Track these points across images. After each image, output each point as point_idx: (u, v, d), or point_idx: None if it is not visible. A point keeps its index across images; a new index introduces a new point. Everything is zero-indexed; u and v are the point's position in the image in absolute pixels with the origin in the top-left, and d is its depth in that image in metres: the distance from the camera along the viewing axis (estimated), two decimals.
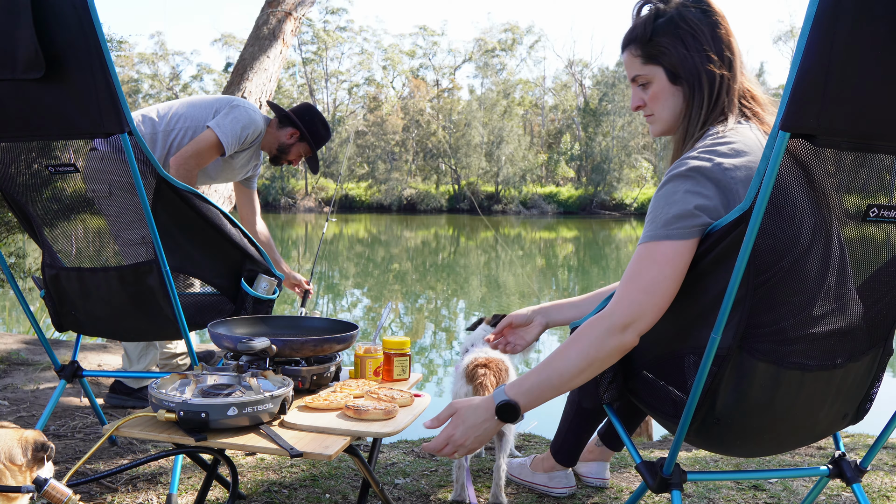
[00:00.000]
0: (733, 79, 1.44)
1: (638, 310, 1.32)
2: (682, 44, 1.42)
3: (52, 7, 1.49)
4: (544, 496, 2.19)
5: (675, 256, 1.29)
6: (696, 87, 1.43)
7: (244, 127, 2.77)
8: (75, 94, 1.55)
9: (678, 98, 1.47)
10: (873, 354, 1.42)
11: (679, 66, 1.44)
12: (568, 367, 1.35)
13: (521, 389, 1.39)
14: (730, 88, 1.43)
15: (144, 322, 2.01)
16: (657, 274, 1.30)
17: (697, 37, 1.42)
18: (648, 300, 1.31)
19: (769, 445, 1.50)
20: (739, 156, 1.33)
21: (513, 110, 41.85)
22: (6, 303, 7.19)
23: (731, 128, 1.40)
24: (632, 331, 1.32)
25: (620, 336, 1.33)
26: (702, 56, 1.42)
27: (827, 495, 2.24)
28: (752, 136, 1.39)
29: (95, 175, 2.18)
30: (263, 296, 2.13)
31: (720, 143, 1.35)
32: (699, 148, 1.36)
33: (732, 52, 1.43)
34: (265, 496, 2.11)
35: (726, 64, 1.43)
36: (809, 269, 1.27)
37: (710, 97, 1.42)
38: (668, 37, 1.43)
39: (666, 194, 1.33)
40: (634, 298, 1.32)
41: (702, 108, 1.43)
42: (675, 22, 1.43)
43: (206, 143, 2.70)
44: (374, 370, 1.92)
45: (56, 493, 1.32)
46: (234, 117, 2.76)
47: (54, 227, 2.03)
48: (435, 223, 30.34)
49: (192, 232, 2.00)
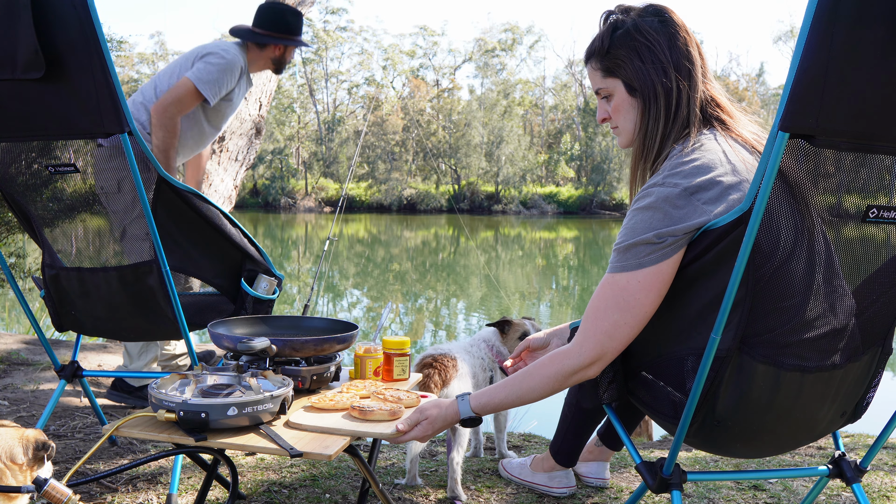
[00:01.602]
0: (692, 88, 1.42)
1: (601, 351, 1.38)
2: (638, 56, 1.42)
3: (52, 7, 1.49)
4: (544, 496, 2.19)
5: (640, 291, 1.33)
6: (651, 100, 1.43)
7: (222, 71, 2.75)
8: (75, 94, 1.55)
9: (637, 110, 1.47)
10: (872, 354, 1.42)
11: (634, 79, 1.44)
12: (531, 391, 1.45)
13: (485, 405, 1.50)
14: (690, 99, 1.42)
15: (144, 322, 2.01)
16: (620, 318, 1.35)
17: (653, 48, 1.41)
18: (610, 343, 1.37)
19: (769, 447, 1.50)
20: (702, 174, 1.32)
21: (513, 110, 41.85)
22: (6, 303, 7.19)
23: (693, 144, 1.38)
24: (596, 368, 1.41)
25: (584, 372, 1.41)
26: (657, 68, 1.41)
27: (827, 495, 2.24)
28: (717, 149, 1.38)
29: (104, 171, 2.19)
30: (263, 296, 2.13)
31: (683, 164, 1.35)
32: (663, 172, 1.36)
33: (692, 62, 1.42)
34: (265, 496, 2.11)
35: (684, 74, 1.42)
36: (794, 272, 1.26)
37: (668, 109, 1.42)
38: (625, 49, 1.43)
39: (631, 226, 1.35)
40: (598, 340, 1.38)
41: (658, 121, 1.43)
42: (632, 34, 1.43)
43: (184, 90, 2.69)
44: (374, 370, 1.92)
45: (56, 493, 1.32)
46: (209, 64, 2.74)
47: (54, 227, 2.03)
48: (435, 223, 30.34)
49: (192, 232, 2.01)
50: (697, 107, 1.43)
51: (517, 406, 1.49)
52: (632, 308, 1.34)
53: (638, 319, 1.35)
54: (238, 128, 4.30)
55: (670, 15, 1.44)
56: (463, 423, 1.52)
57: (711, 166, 1.33)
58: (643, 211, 1.33)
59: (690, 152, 1.36)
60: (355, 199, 38.99)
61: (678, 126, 1.42)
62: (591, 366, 1.40)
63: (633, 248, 1.33)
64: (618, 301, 1.35)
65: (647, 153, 1.45)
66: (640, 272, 1.32)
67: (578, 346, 1.40)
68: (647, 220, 1.32)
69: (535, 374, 1.45)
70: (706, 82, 1.46)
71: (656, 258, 1.31)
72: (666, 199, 1.31)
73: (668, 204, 1.31)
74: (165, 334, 2.12)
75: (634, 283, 1.33)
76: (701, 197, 1.31)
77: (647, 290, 1.33)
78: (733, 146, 1.40)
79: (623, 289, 1.34)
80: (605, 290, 1.37)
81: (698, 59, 1.44)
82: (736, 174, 1.34)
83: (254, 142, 4.48)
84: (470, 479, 2.31)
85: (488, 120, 40.26)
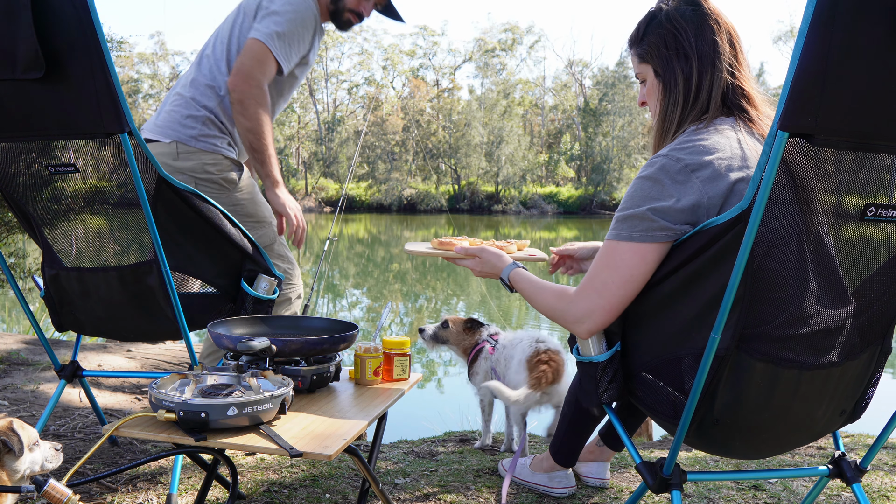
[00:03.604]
0: (715, 77, 1.46)
1: (589, 307, 1.45)
2: (664, 43, 1.49)
3: (52, 7, 1.49)
4: (544, 496, 2.19)
5: (630, 258, 1.40)
6: (671, 84, 1.49)
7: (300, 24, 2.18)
8: (75, 94, 1.55)
9: (660, 93, 1.53)
10: (871, 352, 1.42)
11: (659, 65, 1.51)
12: (536, 302, 1.60)
13: (516, 282, 1.69)
14: (712, 87, 1.46)
15: (145, 323, 2.00)
16: (608, 276, 1.42)
17: (679, 36, 1.47)
18: (598, 301, 1.44)
19: (768, 446, 1.50)
20: (706, 154, 1.37)
21: (513, 110, 41.86)
22: (6, 303, 7.19)
23: (707, 126, 1.43)
24: (584, 328, 1.48)
25: (573, 326, 1.50)
26: (679, 55, 1.47)
27: (827, 495, 2.24)
28: (730, 135, 1.41)
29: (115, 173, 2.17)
30: (263, 296, 2.12)
31: (689, 143, 1.40)
32: (671, 146, 1.42)
33: (717, 51, 1.46)
34: (265, 496, 2.11)
35: (706, 63, 1.46)
36: (785, 264, 1.27)
37: (686, 95, 1.47)
38: (655, 36, 1.50)
39: (631, 194, 1.41)
40: (588, 296, 1.46)
41: (677, 106, 1.48)
42: (663, 23, 1.49)
43: (262, 54, 2.18)
44: (374, 370, 1.92)
45: (56, 493, 1.32)
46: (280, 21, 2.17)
47: (54, 227, 2.03)
48: (435, 223, 30.34)
49: (192, 232, 2.00)
50: (719, 95, 1.46)
51: (529, 300, 1.63)
52: (620, 269, 1.41)
53: (625, 280, 1.41)
54: None
55: (704, 4, 1.49)
56: (501, 282, 1.73)
57: (717, 148, 1.38)
58: (644, 180, 1.40)
59: (702, 133, 1.42)
60: (355, 199, 39.00)
61: (696, 112, 1.47)
62: (579, 322, 1.47)
63: (628, 220, 1.40)
64: (608, 262, 1.43)
65: (665, 134, 1.51)
66: (631, 244, 1.39)
67: (575, 295, 1.49)
68: (647, 189, 1.38)
69: (547, 293, 1.58)
70: (736, 72, 1.48)
71: (646, 237, 1.37)
72: (666, 172, 1.37)
73: (667, 176, 1.37)
74: (166, 335, 2.12)
75: (625, 248, 1.40)
76: (700, 175, 1.35)
77: (636, 259, 1.39)
78: (746, 137, 1.43)
79: (614, 252, 1.42)
80: (601, 252, 1.45)
81: (727, 49, 1.46)
82: (744, 162, 1.38)
83: None
84: (470, 479, 2.31)
85: (488, 120, 40.26)
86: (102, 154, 2.09)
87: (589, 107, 41.42)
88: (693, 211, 1.35)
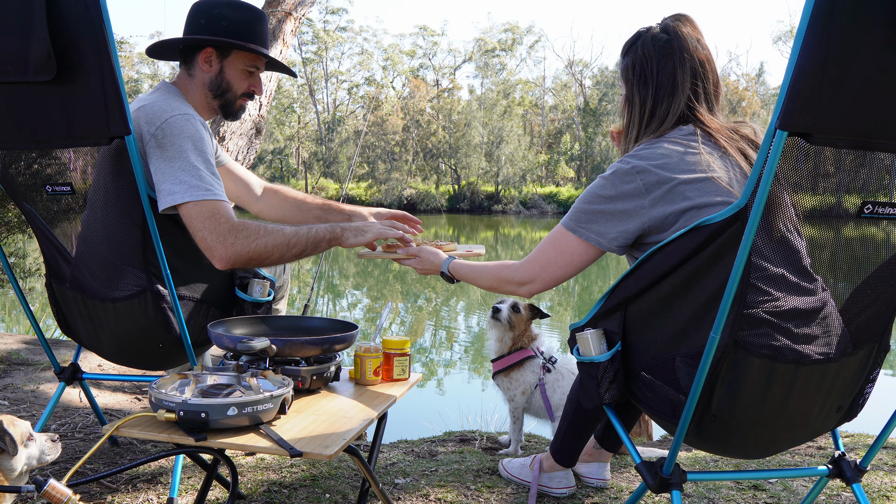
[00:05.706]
0: (672, 106, 1.61)
1: (531, 275, 1.69)
2: (633, 68, 1.66)
3: (66, 9, 1.49)
4: (544, 496, 2.19)
5: (575, 248, 1.61)
6: (632, 107, 1.67)
7: (199, 141, 1.85)
8: (84, 95, 1.54)
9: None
10: (868, 349, 1.43)
11: (625, 87, 1.69)
12: (478, 278, 1.86)
13: (455, 271, 1.94)
14: (667, 115, 1.62)
15: (149, 348, 1.93)
16: (552, 256, 1.65)
17: (645, 64, 1.63)
18: (540, 273, 1.68)
19: (766, 443, 1.50)
20: (655, 160, 1.53)
21: (513, 110, 41.85)
22: (6, 303, 7.20)
23: (660, 140, 1.59)
24: (526, 289, 1.71)
25: (516, 288, 1.74)
26: (640, 82, 1.64)
27: (827, 495, 2.24)
28: (676, 145, 1.56)
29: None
30: (259, 299, 2.11)
31: (642, 150, 1.57)
32: (629, 153, 1.60)
33: (675, 84, 1.60)
34: (265, 496, 2.11)
35: (663, 94, 1.61)
36: (765, 253, 1.33)
37: (641, 118, 1.65)
38: (630, 59, 1.67)
39: (590, 189, 1.60)
40: (531, 267, 1.69)
41: (633, 125, 1.67)
42: (637, 48, 1.65)
43: (205, 211, 1.80)
44: (374, 370, 1.92)
45: (56, 493, 1.32)
46: (184, 159, 1.81)
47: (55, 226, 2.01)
48: (435, 223, 30.34)
49: (181, 249, 1.88)
50: (673, 121, 1.61)
51: (470, 283, 1.89)
52: (563, 252, 1.63)
53: (565, 262, 1.63)
54: (238, 128, 4.30)
55: (679, 34, 1.61)
56: (442, 276, 1.96)
57: (665, 156, 1.53)
58: (600, 178, 1.59)
59: (653, 143, 1.58)
60: (355, 199, 38.98)
61: (651, 129, 1.64)
62: (522, 285, 1.71)
63: (578, 213, 1.60)
64: (555, 244, 1.64)
65: (627, 143, 1.69)
66: (578, 238, 1.60)
67: (521, 263, 1.71)
68: (599, 186, 1.57)
69: (489, 267, 1.83)
70: (694, 104, 1.61)
71: (586, 234, 1.58)
72: (616, 173, 1.55)
73: (617, 177, 1.55)
74: (173, 362, 2.06)
75: (569, 237, 1.62)
76: (645, 178, 1.51)
77: (579, 250, 1.61)
78: (698, 147, 1.54)
79: (561, 237, 1.63)
80: (553, 232, 1.66)
81: (687, 83, 1.60)
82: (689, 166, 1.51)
83: (254, 142, 4.48)
84: (470, 479, 2.31)
85: (488, 120, 40.26)
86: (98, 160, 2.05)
87: (589, 107, 41.43)
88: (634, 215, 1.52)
